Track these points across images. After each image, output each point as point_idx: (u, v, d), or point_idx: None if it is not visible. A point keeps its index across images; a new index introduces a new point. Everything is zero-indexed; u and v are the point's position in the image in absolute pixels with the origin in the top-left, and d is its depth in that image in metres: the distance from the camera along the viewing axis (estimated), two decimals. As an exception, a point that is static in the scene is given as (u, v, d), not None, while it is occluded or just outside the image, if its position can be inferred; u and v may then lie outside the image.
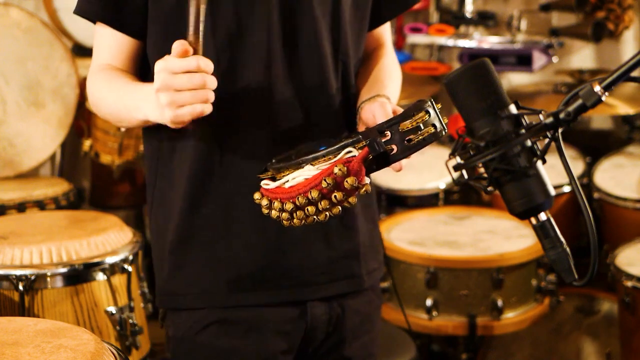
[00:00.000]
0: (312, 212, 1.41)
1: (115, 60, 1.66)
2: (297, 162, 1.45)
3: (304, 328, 1.71)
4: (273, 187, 1.46)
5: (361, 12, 1.72)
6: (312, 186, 1.39)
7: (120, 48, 1.66)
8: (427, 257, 2.79)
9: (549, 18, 3.79)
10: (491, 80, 1.30)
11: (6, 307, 2.15)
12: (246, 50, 1.60)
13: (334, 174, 1.37)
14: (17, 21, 3.32)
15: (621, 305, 2.75)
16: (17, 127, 3.28)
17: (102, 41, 1.66)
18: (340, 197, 1.39)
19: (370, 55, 1.82)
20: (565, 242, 1.31)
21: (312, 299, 1.70)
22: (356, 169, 1.38)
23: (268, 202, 1.46)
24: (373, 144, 1.39)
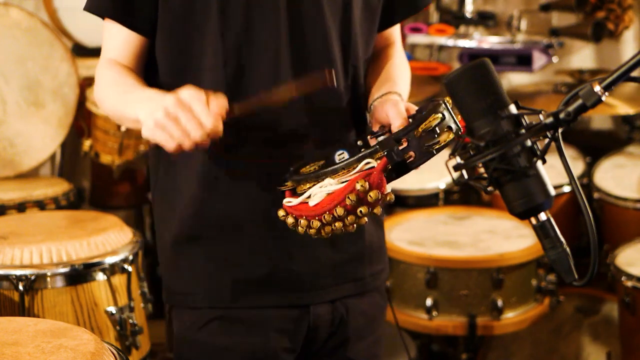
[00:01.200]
0: (339, 227, 1.43)
1: (122, 57, 1.66)
2: (317, 175, 1.46)
3: (306, 327, 1.71)
4: (296, 203, 1.47)
5: (372, 13, 1.72)
6: (336, 203, 1.40)
7: (128, 45, 1.65)
8: (427, 257, 2.79)
9: (549, 18, 3.79)
10: (491, 80, 1.30)
11: (6, 307, 2.15)
12: (254, 53, 1.60)
13: (356, 190, 1.38)
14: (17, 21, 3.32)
15: (621, 305, 2.75)
16: (17, 127, 3.28)
17: (111, 37, 1.67)
18: (365, 211, 1.41)
19: (380, 53, 1.82)
20: (565, 242, 1.31)
21: (311, 303, 1.70)
22: (377, 182, 1.39)
23: (294, 220, 1.47)
24: (391, 154, 1.39)
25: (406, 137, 1.40)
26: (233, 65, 1.60)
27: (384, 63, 1.79)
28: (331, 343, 1.75)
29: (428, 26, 3.79)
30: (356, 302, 1.75)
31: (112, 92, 1.63)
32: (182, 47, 1.63)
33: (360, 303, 1.76)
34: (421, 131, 1.40)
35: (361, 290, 1.75)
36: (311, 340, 1.73)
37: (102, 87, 1.66)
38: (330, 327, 1.73)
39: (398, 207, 3.33)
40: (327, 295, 1.71)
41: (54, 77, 3.32)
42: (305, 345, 1.73)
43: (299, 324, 1.70)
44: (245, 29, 1.60)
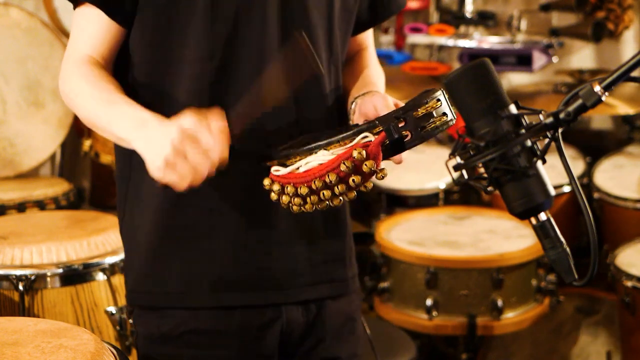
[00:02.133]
0: (327, 197, 1.40)
1: (97, 50, 1.57)
2: (310, 148, 1.44)
3: (279, 331, 1.67)
4: (285, 172, 1.45)
5: (348, 15, 1.71)
6: (330, 169, 1.38)
7: (105, 36, 1.57)
8: (427, 257, 2.79)
9: (549, 18, 3.79)
10: (491, 80, 1.30)
11: (6, 307, 2.15)
12: (241, 51, 1.58)
13: (352, 157, 1.37)
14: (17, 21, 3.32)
15: (621, 305, 2.75)
16: (17, 127, 3.28)
17: (86, 27, 1.57)
18: (357, 181, 1.39)
19: (354, 57, 1.81)
20: (565, 242, 1.31)
21: (289, 302, 1.67)
22: (375, 153, 1.38)
23: (280, 187, 1.44)
24: (390, 129, 1.39)
25: (404, 117, 1.40)
26: (219, 59, 1.56)
27: (361, 67, 1.78)
28: (308, 344, 1.72)
29: (428, 26, 3.79)
30: (332, 302, 1.72)
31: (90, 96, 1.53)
32: (163, 39, 1.57)
33: (338, 303, 1.73)
34: (419, 113, 1.40)
35: (342, 291, 1.73)
36: (286, 343, 1.69)
37: (75, 85, 1.56)
38: (305, 328, 1.70)
39: (398, 207, 3.33)
40: (300, 295, 1.67)
41: (54, 77, 3.32)
42: (281, 349, 1.69)
43: (271, 328, 1.66)
44: (234, 24, 1.56)
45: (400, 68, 3.77)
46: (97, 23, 1.57)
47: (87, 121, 1.57)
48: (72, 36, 1.60)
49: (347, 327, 1.76)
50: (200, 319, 1.64)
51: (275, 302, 1.66)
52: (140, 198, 1.66)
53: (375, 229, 3.03)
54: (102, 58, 1.58)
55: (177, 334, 1.64)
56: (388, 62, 3.79)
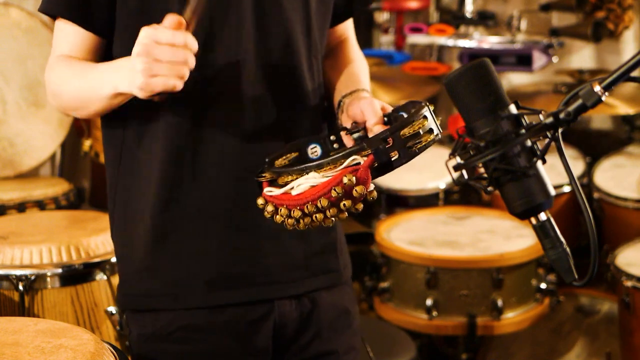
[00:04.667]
0: (319, 219, 1.43)
1: (75, 54, 1.61)
2: (301, 169, 1.47)
3: (272, 326, 1.68)
4: (278, 194, 1.47)
5: (325, 7, 1.71)
6: (321, 194, 1.41)
7: (82, 45, 1.60)
8: (427, 257, 2.79)
9: (549, 18, 3.79)
10: (491, 80, 1.30)
11: (6, 307, 2.15)
12: (218, 49, 1.58)
13: (343, 183, 1.39)
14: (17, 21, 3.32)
15: (621, 305, 2.75)
16: (17, 127, 3.28)
17: (64, 38, 1.61)
18: (348, 205, 1.42)
19: (336, 49, 1.81)
20: (565, 242, 1.31)
21: (281, 297, 1.68)
22: (364, 178, 1.40)
23: (273, 208, 1.47)
24: (378, 152, 1.41)
25: (392, 137, 1.42)
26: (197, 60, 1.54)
27: (343, 60, 1.79)
28: (303, 339, 1.72)
29: (428, 26, 3.79)
30: (326, 295, 1.73)
31: (70, 77, 1.57)
32: None
33: (331, 295, 1.74)
34: (405, 133, 1.42)
35: (335, 282, 1.74)
36: (279, 340, 1.70)
37: (56, 78, 1.60)
38: (299, 323, 1.70)
39: (398, 207, 3.34)
40: (297, 288, 1.69)
41: (54, 77, 3.32)
42: (275, 344, 1.70)
43: (264, 323, 1.67)
44: (208, 24, 1.57)
45: (400, 68, 3.77)
46: (74, 34, 1.61)
47: (78, 106, 1.60)
48: (53, 47, 1.64)
49: (342, 320, 1.76)
50: (192, 316, 1.65)
51: (268, 297, 1.67)
52: (129, 203, 1.67)
53: (375, 229, 3.04)
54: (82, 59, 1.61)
55: (170, 331, 1.65)
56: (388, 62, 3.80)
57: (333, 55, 1.80)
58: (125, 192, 1.68)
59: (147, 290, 1.66)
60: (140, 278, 1.67)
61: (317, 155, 1.63)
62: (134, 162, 1.65)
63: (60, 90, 1.61)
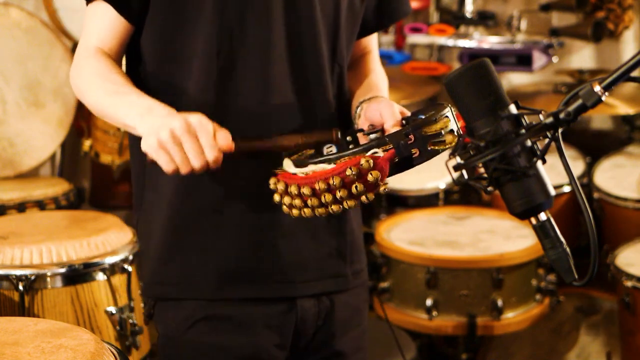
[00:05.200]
0: (328, 200, 1.42)
1: (107, 44, 1.62)
2: (320, 161, 1.46)
3: (294, 321, 1.70)
4: (290, 173, 1.47)
5: (354, 17, 1.72)
6: (335, 173, 1.40)
7: (114, 31, 1.62)
8: (427, 257, 2.79)
9: (549, 18, 3.79)
10: (491, 80, 1.30)
11: (6, 307, 2.15)
12: (247, 47, 1.60)
13: (359, 164, 1.38)
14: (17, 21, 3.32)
15: (621, 305, 2.75)
16: (17, 127, 3.28)
17: (97, 21, 1.62)
18: (360, 189, 1.40)
19: (359, 61, 1.83)
20: (565, 242, 1.31)
21: (299, 295, 1.70)
22: (382, 165, 1.40)
23: (284, 186, 1.46)
24: (399, 147, 1.41)
25: (414, 134, 1.41)
26: (225, 55, 1.59)
27: (365, 71, 1.80)
28: (319, 337, 1.74)
29: (428, 26, 3.79)
30: (341, 295, 1.75)
31: (100, 87, 1.58)
32: (173, 35, 1.61)
33: (345, 295, 1.76)
34: (428, 131, 1.41)
35: (343, 287, 1.75)
36: (299, 334, 1.72)
37: (85, 77, 1.61)
38: (317, 320, 1.73)
39: (398, 207, 3.33)
40: (311, 289, 1.71)
41: (54, 77, 3.32)
42: (294, 340, 1.72)
43: (286, 318, 1.69)
44: (240, 20, 1.59)
45: (400, 68, 3.77)
46: (107, 19, 1.62)
47: (96, 111, 1.62)
48: (84, 30, 1.65)
49: (354, 320, 1.78)
50: (213, 308, 1.67)
51: (289, 295, 1.69)
52: (153, 194, 1.71)
53: (375, 229, 3.04)
54: (111, 51, 1.63)
55: (191, 323, 1.68)
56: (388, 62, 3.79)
57: (355, 67, 1.81)
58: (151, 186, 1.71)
59: (165, 279, 1.70)
60: (159, 267, 1.70)
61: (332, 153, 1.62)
62: None
63: (84, 91, 1.62)
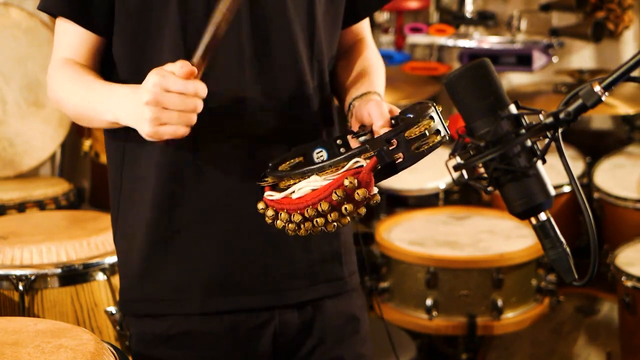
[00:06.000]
0: (321, 224, 1.40)
1: (77, 56, 1.61)
2: (302, 172, 1.44)
3: (272, 333, 1.66)
4: (279, 197, 1.45)
5: (335, 8, 1.68)
6: (321, 198, 1.38)
7: (83, 44, 1.61)
8: (427, 257, 2.79)
9: (549, 18, 3.79)
10: (491, 80, 1.30)
11: (6, 307, 2.15)
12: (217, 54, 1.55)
13: (344, 186, 1.36)
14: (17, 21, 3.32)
15: (621, 305, 2.75)
16: (17, 127, 3.28)
17: (64, 37, 1.62)
18: (350, 209, 1.39)
19: (351, 49, 1.78)
20: (565, 242, 1.31)
21: (282, 305, 1.66)
22: (366, 180, 1.37)
23: (274, 212, 1.44)
24: (381, 154, 1.38)
25: (396, 138, 1.39)
26: None
27: (356, 60, 1.74)
28: (305, 347, 1.70)
29: (428, 26, 3.79)
30: (331, 303, 1.71)
31: (73, 92, 1.58)
32: (140, 45, 1.58)
33: (337, 303, 1.71)
34: (411, 134, 1.39)
35: (339, 290, 1.71)
36: (280, 347, 1.68)
37: (59, 87, 1.61)
38: (300, 331, 1.68)
39: (398, 207, 3.33)
40: (299, 297, 1.66)
41: (54, 77, 3.32)
42: (274, 353, 1.68)
43: (264, 330, 1.66)
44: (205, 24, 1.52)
45: (400, 68, 3.77)
46: (74, 34, 1.61)
47: (77, 117, 1.61)
48: (55, 45, 1.64)
49: (349, 327, 1.74)
50: (192, 321, 1.64)
51: (268, 306, 1.65)
52: (131, 207, 1.67)
53: (375, 229, 3.03)
54: (85, 61, 1.62)
55: (170, 336, 1.64)
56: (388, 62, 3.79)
57: (347, 56, 1.76)
58: (127, 196, 1.68)
59: (146, 296, 1.65)
60: (140, 283, 1.66)
61: (323, 160, 1.58)
62: (136, 166, 1.65)
63: (61, 101, 1.62)
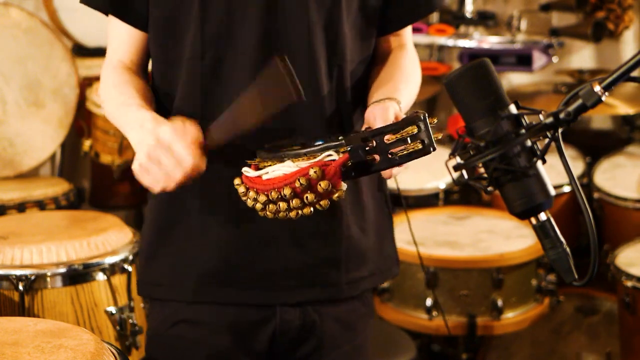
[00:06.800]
0: (283, 208, 1.43)
1: (126, 54, 1.67)
2: (280, 156, 1.47)
3: (272, 331, 1.67)
4: (252, 175, 1.48)
5: (369, 13, 1.67)
6: (285, 183, 1.41)
7: (129, 41, 1.66)
8: (427, 257, 2.78)
9: (549, 18, 3.79)
10: (491, 80, 1.30)
11: (6, 307, 2.15)
12: (232, 47, 1.59)
13: (308, 175, 1.39)
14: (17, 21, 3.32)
15: (621, 305, 2.75)
16: (17, 127, 3.28)
17: (114, 33, 1.67)
18: (311, 199, 1.41)
19: (387, 57, 1.75)
20: (565, 242, 1.31)
21: (280, 303, 1.67)
22: (331, 174, 1.39)
23: (245, 189, 1.48)
24: (355, 151, 1.38)
25: (375, 139, 1.38)
26: (210, 58, 1.59)
27: (389, 66, 1.72)
28: (302, 350, 1.70)
29: (428, 26, 3.79)
30: (330, 309, 1.70)
31: (112, 99, 1.63)
32: (166, 39, 1.63)
33: (335, 310, 1.71)
34: (391, 138, 1.38)
35: (334, 296, 1.70)
36: (278, 346, 1.69)
37: (104, 89, 1.68)
38: (300, 332, 1.68)
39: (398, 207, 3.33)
40: (291, 297, 1.67)
41: (54, 77, 3.32)
42: (271, 351, 1.69)
43: (263, 327, 1.67)
44: (226, 21, 1.58)
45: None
46: (121, 29, 1.66)
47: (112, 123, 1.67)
48: (108, 44, 1.70)
49: (344, 336, 1.73)
50: (193, 310, 1.68)
51: (268, 303, 1.66)
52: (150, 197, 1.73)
53: (375, 229, 3.03)
54: (132, 62, 1.67)
55: (171, 324, 1.69)
56: (388, 62, 3.79)
57: (381, 63, 1.74)
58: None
59: (154, 279, 1.72)
60: (147, 267, 1.73)
61: None
62: None
63: (103, 102, 1.69)
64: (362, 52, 1.69)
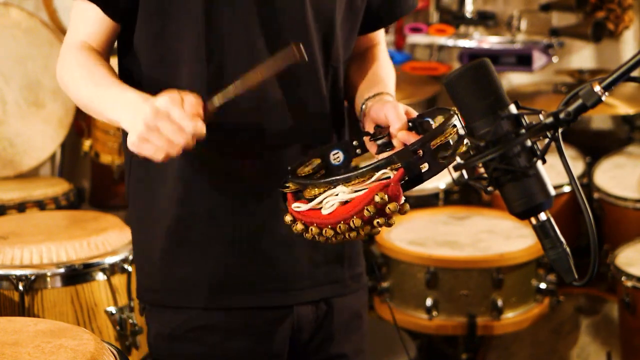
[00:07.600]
0: (353, 237, 1.42)
1: (93, 41, 1.61)
2: (328, 182, 1.44)
3: (290, 329, 1.69)
4: (306, 209, 1.46)
5: (354, 14, 1.70)
6: (353, 214, 1.39)
7: (100, 29, 1.61)
8: (427, 257, 2.79)
9: (549, 18, 3.79)
10: (491, 80, 1.30)
11: (6, 307, 2.15)
12: (234, 51, 1.58)
13: (374, 202, 1.37)
14: (17, 21, 3.32)
15: (621, 305, 2.75)
16: (17, 127, 3.28)
17: (83, 18, 1.61)
18: (382, 222, 1.40)
19: (364, 54, 1.80)
20: (565, 242, 1.31)
21: (295, 303, 1.69)
22: (396, 194, 1.38)
23: (303, 227, 1.46)
24: (409, 166, 1.38)
25: (422, 148, 1.39)
26: (215, 62, 1.58)
27: (370, 63, 1.77)
28: (316, 340, 1.73)
29: (428, 26, 3.79)
30: (339, 299, 1.74)
31: (84, 79, 1.58)
32: (161, 39, 1.60)
33: (344, 299, 1.75)
34: (437, 143, 1.39)
35: (341, 292, 1.74)
36: (296, 341, 1.71)
37: (70, 70, 1.61)
38: (314, 325, 1.72)
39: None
40: (308, 296, 1.69)
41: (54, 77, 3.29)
42: (290, 347, 1.71)
43: (282, 326, 1.68)
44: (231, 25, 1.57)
45: (400, 68, 3.77)
46: (93, 17, 1.60)
47: (81, 105, 1.61)
48: (70, 25, 1.64)
49: (353, 323, 1.77)
50: (209, 316, 1.67)
51: (283, 304, 1.68)
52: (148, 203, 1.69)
53: (375, 229, 3.03)
54: (98, 47, 1.62)
55: (186, 330, 1.67)
56: (388, 62, 3.79)
57: (360, 60, 1.79)
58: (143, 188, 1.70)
59: (165, 286, 1.68)
60: (156, 274, 1.69)
61: (339, 162, 1.59)
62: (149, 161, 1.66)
63: (68, 85, 1.62)
64: (347, 52, 1.73)
